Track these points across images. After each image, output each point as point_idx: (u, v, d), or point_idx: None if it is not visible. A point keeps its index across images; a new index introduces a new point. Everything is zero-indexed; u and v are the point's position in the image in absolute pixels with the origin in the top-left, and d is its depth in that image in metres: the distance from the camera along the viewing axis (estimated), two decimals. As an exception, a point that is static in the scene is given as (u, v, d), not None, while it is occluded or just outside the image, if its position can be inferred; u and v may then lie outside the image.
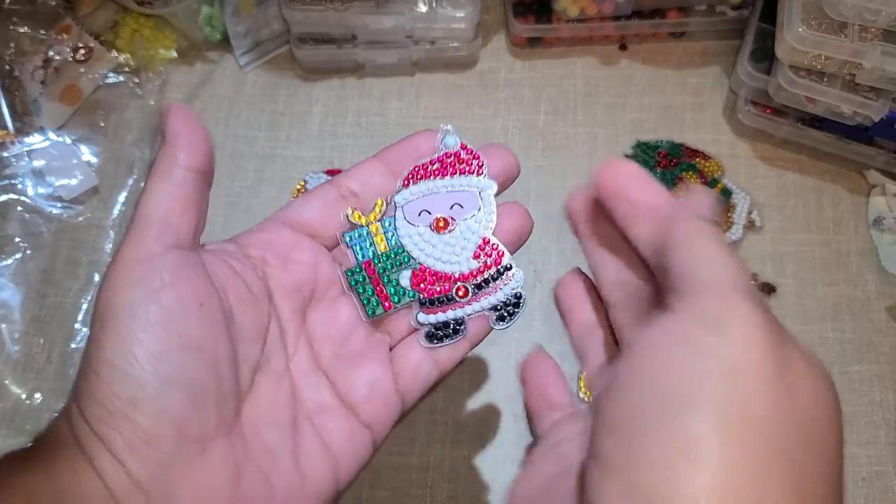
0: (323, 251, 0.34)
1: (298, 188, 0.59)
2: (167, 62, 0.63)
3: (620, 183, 0.27)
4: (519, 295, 0.34)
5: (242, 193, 0.59)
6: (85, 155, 0.60)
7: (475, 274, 0.34)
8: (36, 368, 0.54)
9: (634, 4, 0.59)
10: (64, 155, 0.59)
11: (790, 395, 0.22)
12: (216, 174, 0.31)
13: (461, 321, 0.34)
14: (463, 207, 0.34)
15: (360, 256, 0.34)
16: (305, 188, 0.58)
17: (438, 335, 0.34)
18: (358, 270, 0.34)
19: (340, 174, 0.35)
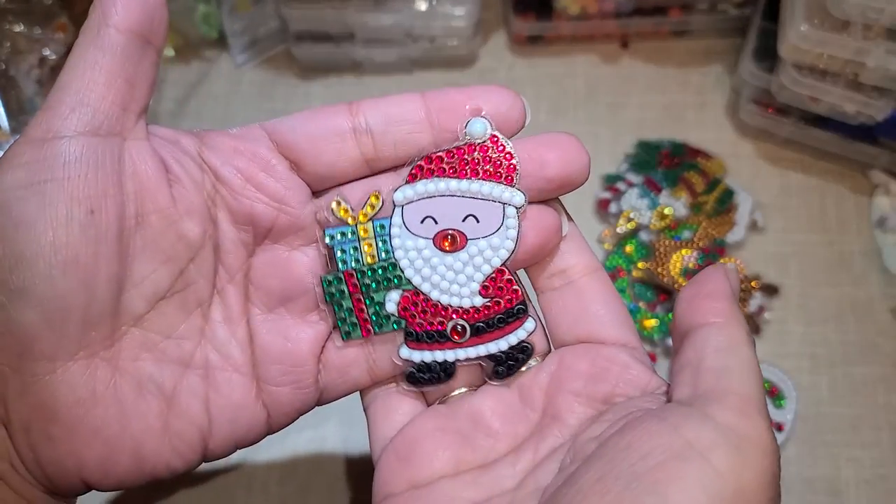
0: (299, 187, 0.28)
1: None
2: (163, 60, 0.62)
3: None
4: (526, 347, 0.28)
5: (240, 193, 0.59)
6: (81, 154, 0.60)
7: (479, 314, 0.28)
8: None
9: (636, 2, 0.58)
10: (59, 154, 0.59)
11: None
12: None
13: (451, 366, 0.28)
14: (479, 222, 0.27)
15: (340, 264, 0.28)
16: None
17: (421, 378, 0.28)
18: (335, 282, 0.28)
19: (364, 100, 0.28)
